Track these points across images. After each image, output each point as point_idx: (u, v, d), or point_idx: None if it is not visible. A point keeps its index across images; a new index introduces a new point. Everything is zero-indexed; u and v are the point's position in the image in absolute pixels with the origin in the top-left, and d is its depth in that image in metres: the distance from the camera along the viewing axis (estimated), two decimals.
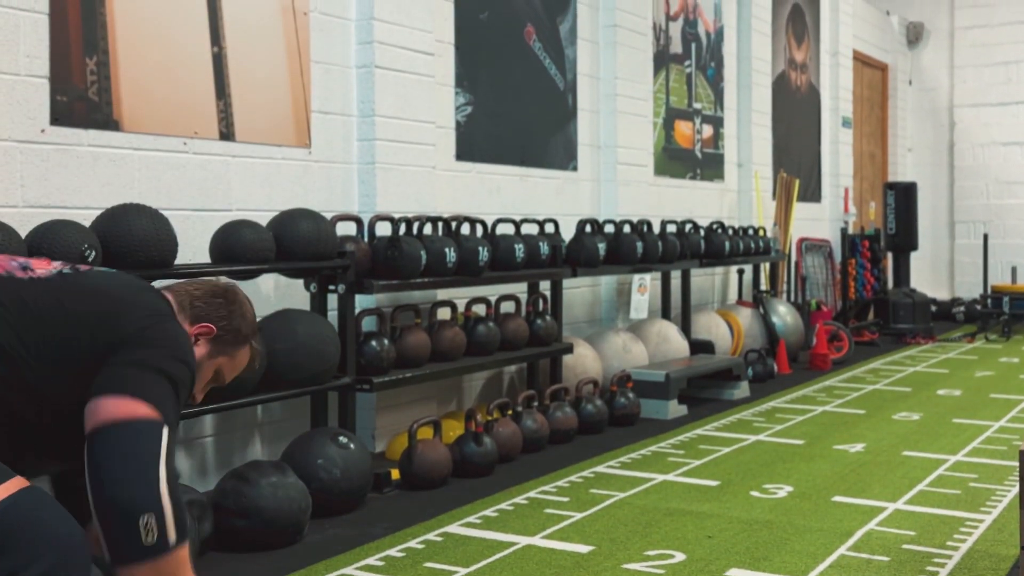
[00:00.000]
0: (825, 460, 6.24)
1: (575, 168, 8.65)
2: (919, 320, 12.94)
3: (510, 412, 6.46)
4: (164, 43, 5.30)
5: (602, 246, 7.80)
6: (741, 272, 11.04)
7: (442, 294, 6.93)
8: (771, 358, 9.69)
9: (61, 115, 4.83)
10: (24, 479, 2.60)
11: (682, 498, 5.38)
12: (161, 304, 3.04)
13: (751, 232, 10.45)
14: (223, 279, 3.47)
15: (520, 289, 7.66)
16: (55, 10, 4.83)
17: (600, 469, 6.03)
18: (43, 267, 2.94)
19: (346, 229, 6.12)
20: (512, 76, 7.90)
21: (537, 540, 4.71)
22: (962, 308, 14.86)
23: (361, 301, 6.22)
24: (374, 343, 5.80)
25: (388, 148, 6.56)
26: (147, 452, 2.66)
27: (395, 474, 5.66)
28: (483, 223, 6.82)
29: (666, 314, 9.26)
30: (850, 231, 13.68)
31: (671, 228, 9.53)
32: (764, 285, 11.26)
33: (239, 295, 3.31)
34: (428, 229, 6.46)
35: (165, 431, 2.72)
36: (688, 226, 9.35)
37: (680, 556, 4.50)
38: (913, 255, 14.83)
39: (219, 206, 5.58)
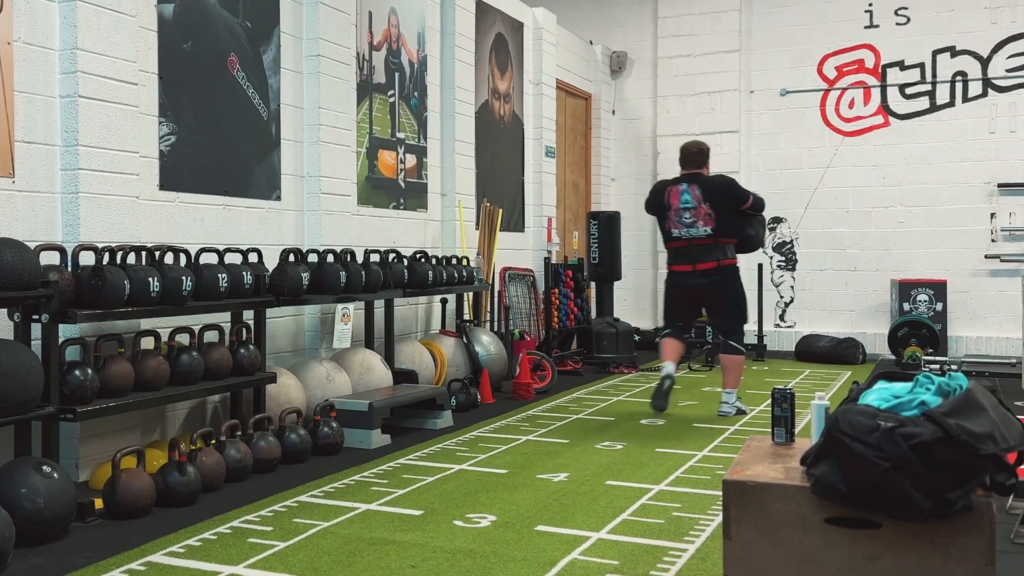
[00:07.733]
0: (528, 490, 6.44)
1: (279, 198, 8.86)
2: (622, 350, 13.25)
3: (213, 442, 6.66)
4: None
5: (306, 276, 8.00)
6: (444, 301, 11.24)
7: (146, 323, 7.12)
8: (475, 387, 10.04)
9: None
10: None
11: (385, 527, 5.55)
12: None
13: (455, 262, 10.69)
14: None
15: (224, 319, 7.83)
16: None
17: (304, 498, 6.20)
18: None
19: (50, 259, 6.30)
20: (216, 106, 8.11)
21: (240, 569, 4.86)
22: None
23: (65, 331, 6.39)
24: (77, 372, 6.00)
25: (92, 178, 6.73)
26: None
27: (99, 503, 5.80)
28: (187, 253, 7.03)
29: (370, 343, 9.49)
30: (553, 260, 13.99)
31: (375, 258, 9.74)
32: (468, 314, 11.50)
33: None
34: (132, 259, 6.66)
35: None
36: (392, 256, 9.57)
37: None
38: (617, 285, 15.15)
39: None
